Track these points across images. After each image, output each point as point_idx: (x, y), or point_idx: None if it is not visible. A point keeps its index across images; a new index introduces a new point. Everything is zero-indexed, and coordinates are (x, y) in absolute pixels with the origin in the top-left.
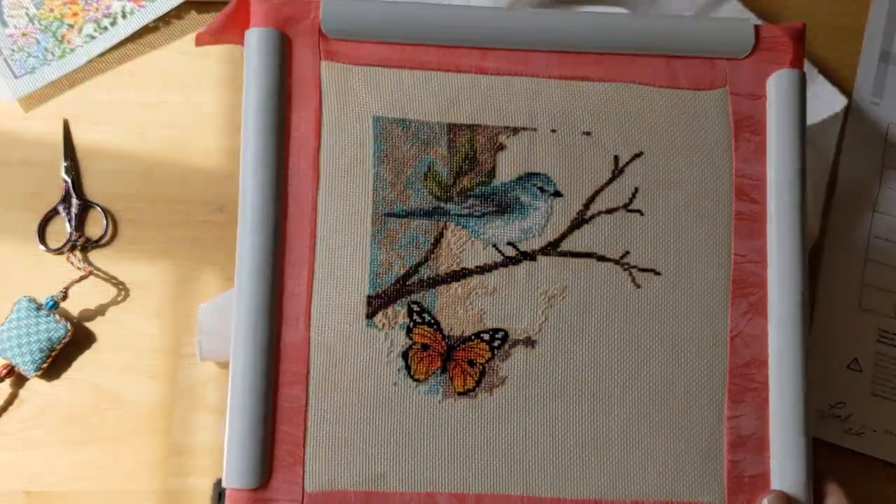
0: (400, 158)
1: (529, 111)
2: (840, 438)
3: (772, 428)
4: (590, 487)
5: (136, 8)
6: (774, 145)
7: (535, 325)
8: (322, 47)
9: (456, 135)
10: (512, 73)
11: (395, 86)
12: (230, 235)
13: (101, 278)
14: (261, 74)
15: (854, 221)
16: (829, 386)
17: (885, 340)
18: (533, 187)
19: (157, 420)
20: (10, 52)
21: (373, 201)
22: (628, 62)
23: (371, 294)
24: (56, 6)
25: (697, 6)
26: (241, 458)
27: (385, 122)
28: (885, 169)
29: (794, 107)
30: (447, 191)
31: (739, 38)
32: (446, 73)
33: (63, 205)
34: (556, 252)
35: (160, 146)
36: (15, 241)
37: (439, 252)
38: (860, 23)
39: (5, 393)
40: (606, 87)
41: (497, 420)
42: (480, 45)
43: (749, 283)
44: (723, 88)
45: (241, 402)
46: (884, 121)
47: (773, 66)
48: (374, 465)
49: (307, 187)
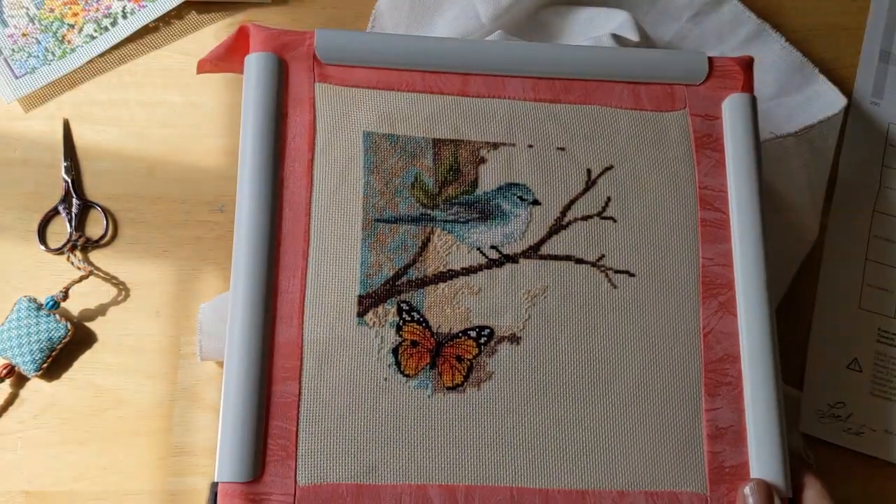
0: (388, 169)
1: (508, 129)
2: (840, 438)
3: (748, 420)
4: (576, 478)
5: (136, 8)
6: (732, 160)
7: (519, 322)
8: (316, 71)
9: (440, 148)
10: (491, 96)
11: (383, 105)
12: (230, 235)
13: (102, 278)
14: (259, 93)
15: (854, 221)
16: (828, 386)
17: (885, 340)
18: (513, 196)
19: (157, 420)
20: (10, 52)
21: (363, 208)
22: (596, 87)
23: (362, 294)
24: (56, 6)
25: (697, 5)
26: (233, 453)
27: (374, 137)
28: (885, 169)
29: (747, 125)
30: (433, 199)
31: (695, 68)
32: (431, 95)
33: (63, 205)
34: (537, 255)
35: (160, 146)
36: (15, 241)
37: (427, 255)
38: (860, 23)
39: (5, 393)
40: (577, 108)
41: (485, 413)
42: (462, 71)
43: (717, 284)
44: (683, 110)
45: (234, 397)
46: (884, 121)
47: (727, 91)
48: (365, 458)
49: (301, 195)
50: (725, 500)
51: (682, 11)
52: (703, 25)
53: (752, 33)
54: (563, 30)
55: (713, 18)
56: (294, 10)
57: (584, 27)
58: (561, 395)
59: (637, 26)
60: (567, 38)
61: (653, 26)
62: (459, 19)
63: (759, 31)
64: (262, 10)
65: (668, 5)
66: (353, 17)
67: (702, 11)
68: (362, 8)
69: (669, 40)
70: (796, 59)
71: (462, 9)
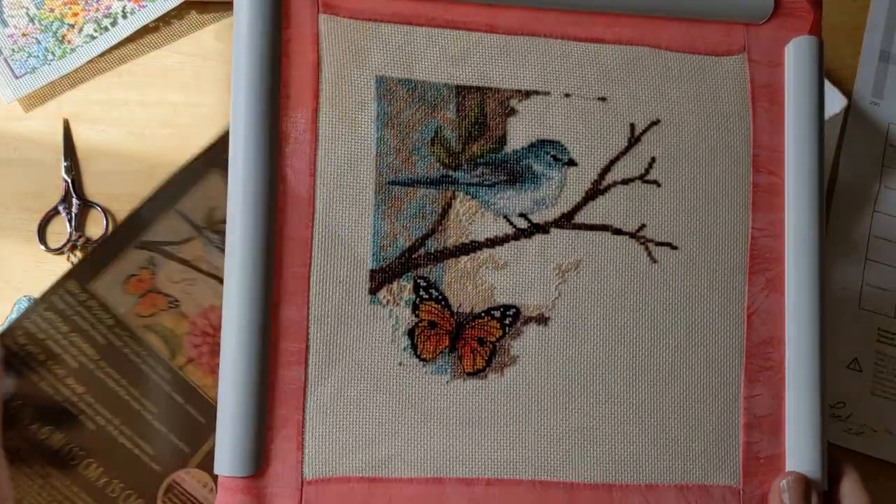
0: (405, 122)
1: (542, 74)
2: (840, 438)
3: (788, 408)
4: (602, 471)
5: (136, 8)
6: (793, 115)
7: (548, 301)
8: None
9: (465, 97)
10: (523, 32)
11: (399, 43)
12: None
13: None
14: (252, 27)
15: (854, 221)
16: (829, 386)
17: (885, 340)
18: (546, 155)
19: None
20: (10, 52)
21: (376, 168)
22: (644, 24)
23: (374, 268)
24: (56, 6)
25: None
26: (233, 444)
27: (389, 83)
28: (885, 169)
29: (813, 75)
30: (455, 158)
31: (759, 3)
32: (454, 31)
33: (63, 205)
34: (570, 224)
35: (160, 146)
36: (15, 241)
37: (447, 223)
38: (860, 23)
39: None
40: (622, 50)
41: (507, 402)
42: (491, 2)
43: (766, 259)
44: (741, 55)
45: (233, 384)
46: (884, 121)
47: (792, 33)
48: (377, 450)
49: (304, 153)
50: (758, 493)
51: None
52: None
53: None
54: None
55: None
56: None
57: None
58: (590, 382)
59: None
60: None
61: None
62: None
63: None
64: None
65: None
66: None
67: None
68: None
69: None
70: None
71: None
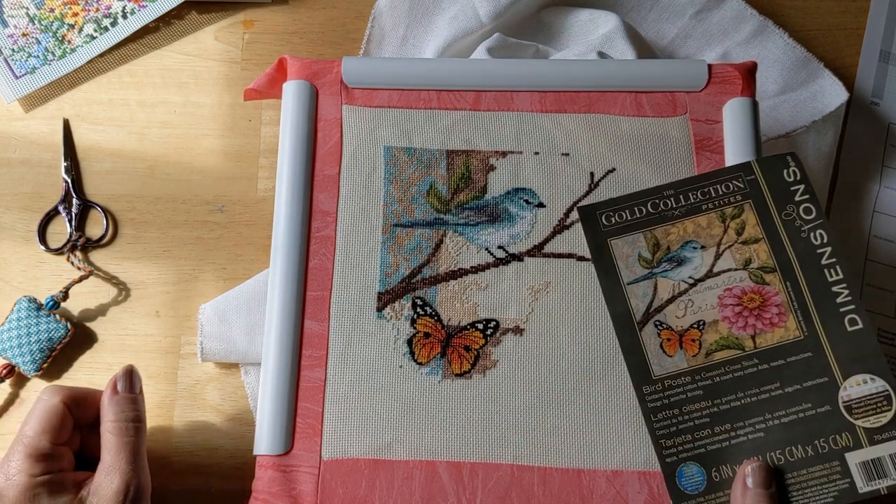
0: (406, 179)
1: (516, 138)
2: None
3: None
4: (572, 458)
5: (137, 8)
6: (731, 161)
7: (522, 315)
8: (343, 94)
9: (453, 158)
10: (501, 109)
11: (402, 121)
12: (230, 235)
13: (102, 278)
14: (296, 116)
15: (854, 221)
16: None
17: (885, 340)
18: (520, 200)
19: (157, 420)
20: (10, 52)
21: (383, 214)
22: (600, 98)
23: (381, 291)
24: (56, 6)
25: (699, 3)
26: (270, 430)
27: (394, 150)
28: (885, 169)
29: (747, 128)
30: (446, 205)
31: (695, 75)
32: (446, 111)
33: (63, 205)
34: (541, 254)
35: (160, 146)
36: (15, 241)
37: (439, 255)
38: (860, 23)
39: (5, 393)
40: (581, 117)
41: (489, 398)
42: (475, 88)
43: None
44: (684, 115)
45: (271, 383)
46: (884, 121)
47: (727, 96)
48: (382, 436)
49: (329, 204)
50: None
51: (685, 9)
52: (706, 22)
53: (756, 30)
54: (563, 30)
55: (716, 16)
56: (294, 9)
57: (585, 28)
58: (559, 382)
59: (632, 34)
60: (567, 38)
61: (656, 23)
62: (459, 18)
63: (762, 28)
64: (262, 10)
65: (671, 3)
66: (352, 17)
67: (704, 9)
68: (362, 7)
69: (673, 38)
70: (800, 54)
71: (461, 8)
